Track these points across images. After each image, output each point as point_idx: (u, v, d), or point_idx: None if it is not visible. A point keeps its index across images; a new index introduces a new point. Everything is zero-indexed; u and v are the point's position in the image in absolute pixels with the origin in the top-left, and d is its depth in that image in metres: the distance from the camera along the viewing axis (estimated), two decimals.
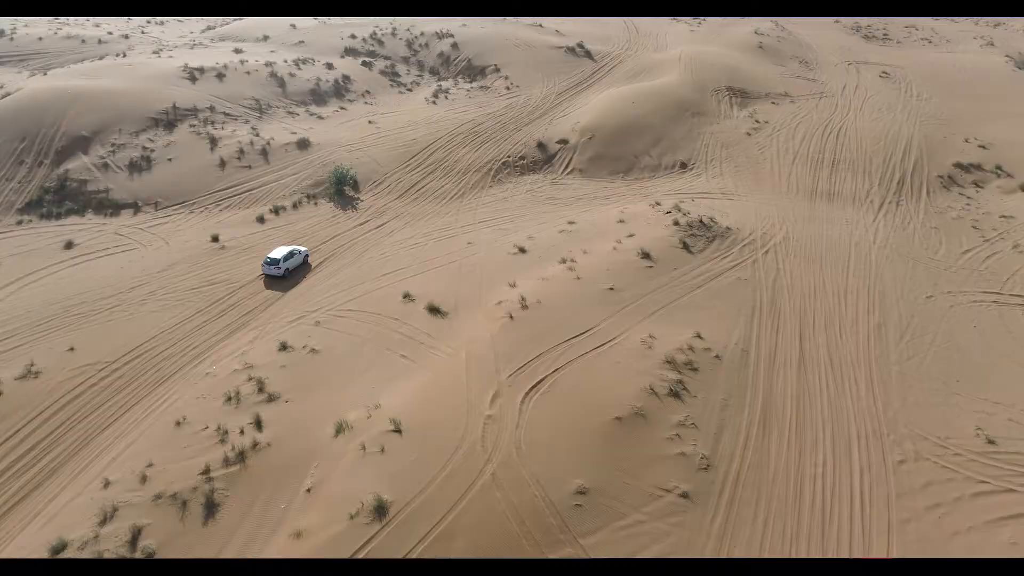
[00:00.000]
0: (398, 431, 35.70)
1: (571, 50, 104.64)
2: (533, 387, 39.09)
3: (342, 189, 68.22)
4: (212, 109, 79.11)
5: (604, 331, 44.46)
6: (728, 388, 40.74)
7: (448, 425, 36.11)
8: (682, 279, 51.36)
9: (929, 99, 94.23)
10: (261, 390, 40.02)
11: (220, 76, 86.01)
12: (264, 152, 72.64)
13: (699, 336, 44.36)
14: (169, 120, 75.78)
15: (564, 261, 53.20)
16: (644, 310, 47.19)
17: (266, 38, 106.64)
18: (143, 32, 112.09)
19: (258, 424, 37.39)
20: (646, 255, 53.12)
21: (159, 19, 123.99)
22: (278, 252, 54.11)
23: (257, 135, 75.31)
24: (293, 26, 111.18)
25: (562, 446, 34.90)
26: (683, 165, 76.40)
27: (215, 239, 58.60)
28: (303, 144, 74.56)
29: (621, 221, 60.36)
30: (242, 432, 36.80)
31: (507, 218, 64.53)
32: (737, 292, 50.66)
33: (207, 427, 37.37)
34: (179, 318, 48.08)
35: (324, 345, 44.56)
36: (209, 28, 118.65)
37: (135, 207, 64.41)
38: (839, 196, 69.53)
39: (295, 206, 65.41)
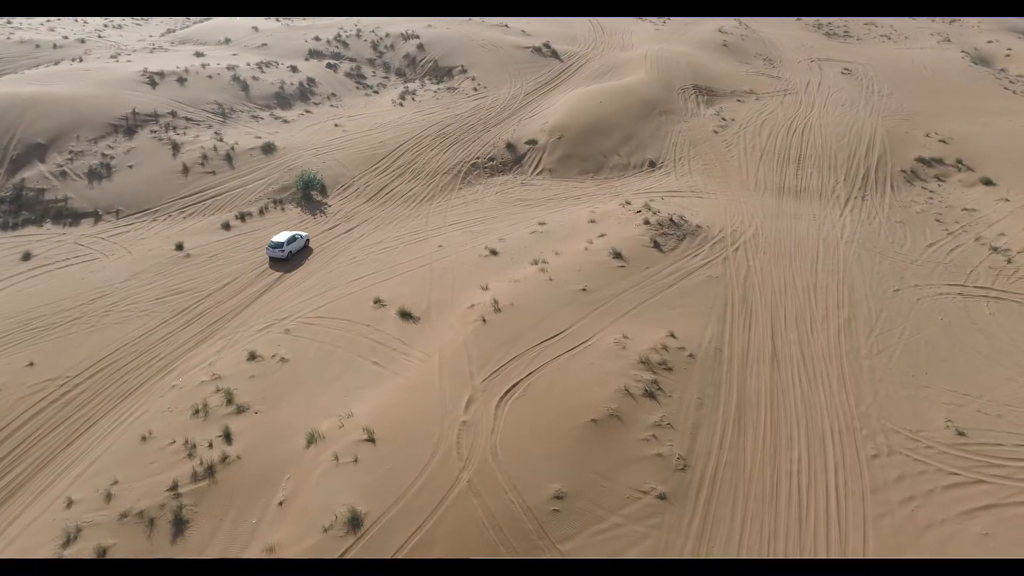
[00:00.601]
0: (371, 440, 35.04)
1: (537, 50, 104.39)
2: (508, 391, 38.65)
3: (309, 194, 67.18)
4: (174, 114, 77.44)
5: (578, 332, 44.18)
6: (703, 387, 40.69)
7: (422, 432, 35.54)
8: (654, 278, 51.27)
9: (890, 95, 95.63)
10: (230, 401, 39.07)
11: (181, 80, 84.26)
12: (228, 157, 71.25)
13: (672, 335, 44.28)
14: (129, 126, 73.99)
15: (536, 263, 52.86)
16: (617, 310, 47.01)
17: (228, 41, 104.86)
18: (100, 36, 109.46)
19: (227, 437, 36.48)
20: (618, 255, 52.96)
21: (117, 22, 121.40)
22: (281, 236, 56.63)
23: (221, 140, 73.87)
24: (255, 28, 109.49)
25: (538, 451, 34.52)
26: (652, 164, 76.53)
27: (179, 247, 57.29)
28: (268, 149, 73.28)
29: (592, 221, 60.18)
30: (210, 445, 35.87)
31: (478, 220, 64.00)
32: (709, 290, 50.72)
33: (174, 441, 36.37)
34: (143, 329, 46.83)
35: (294, 353, 43.69)
36: (169, 31, 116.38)
37: (95, 216, 62.70)
38: (806, 192, 70.13)
39: (262, 212, 64.23)
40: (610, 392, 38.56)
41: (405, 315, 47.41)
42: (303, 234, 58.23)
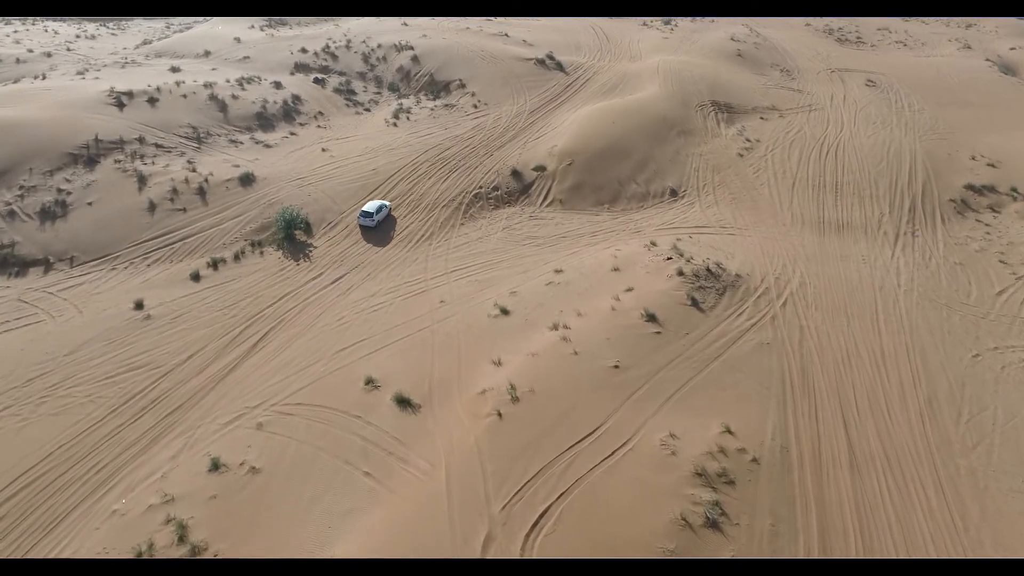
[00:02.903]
0: None
1: (541, 62, 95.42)
2: (535, 523, 30.00)
3: (292, 234, 58.27)
4: (141, 140, 68.21)
5: (614, 430, 35.56)
6: (774, 506, 32.12)
7: None
8: (696, 347, 42.61)
9: (921, 110, 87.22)
10: (182, 539, 30.35)
11: (152, 101, 74.96)
12: (201, 191, 62.15)
13: (729, 431, 35.72)
14: (90, 155, 64.79)
15: (556, 327, 44.15)
16: (658, 395, 38.38)
17: (207, 54, 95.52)
18: (69, 49, 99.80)
19: None
20: (651, 317, 44.27)
21: (91, 32, 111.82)
22: (371, 206, 60.63)
23: (193, 170, 64.74)
24: (237, 40, 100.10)
25: None
26: (673, 193, 67.86)
27: (139, 306, 48.35)
28: (247, 179, 64.22)
29: (615, 269, 51.47)
30: None
31: (483, 265, 55.22)
32: (761, 361, 42.13)
33: None
34: (85, 423, 37.93)
35: (266, 460, 34.90)
36: (145, 43, 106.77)
37: (46, 264, 53.70)
38: (849, 227, 61.62)
39: (237, 257, 55.26)
40: (664, 523, 29.98)
41: (402, 402, 38.67)
42: (387, 203, 62.31)
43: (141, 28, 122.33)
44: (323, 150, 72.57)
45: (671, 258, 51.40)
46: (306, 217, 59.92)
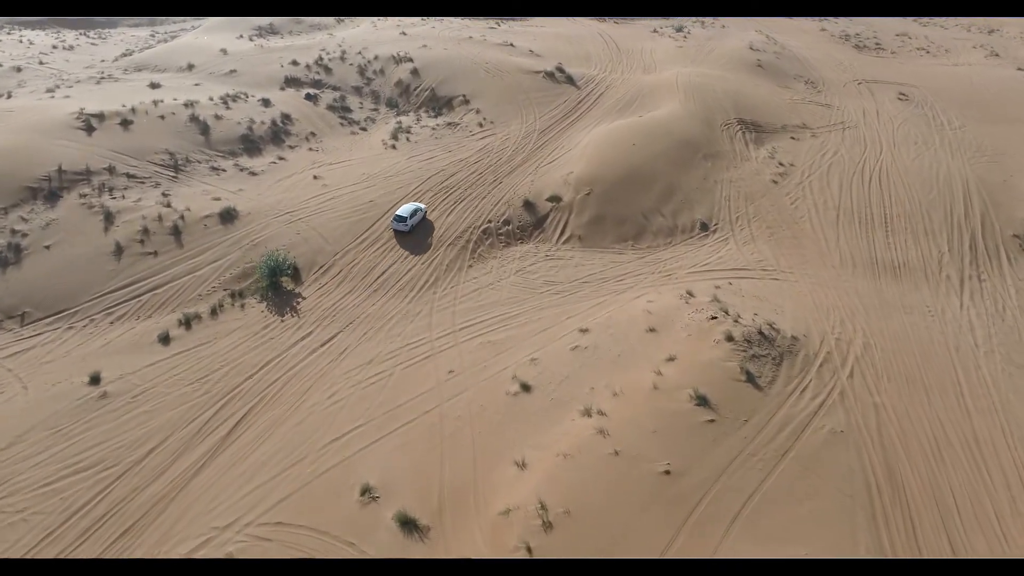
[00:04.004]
0: None
1: (550, 75, 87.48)
2: None
3: (277, 282, 50.46)
4: (111, 170, 60.24)
5: None
6: None
7: None
8: (759, 441, 34.92)
9: (962, 127, 79.62)
10: None
11: (125, 124, 66.93)
12: (176, 230, 54.29)
13: None
14: (52, 189, 56.86)
15: (588, 412, 36.42)
16: (722, 513, 30.72)
17: (190, 67, 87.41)
18: (41, 63, 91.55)
19: None
20: (702, 400, 36.55)
21: (69, 43, 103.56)
22: (405, 210, 57.19)
23: (168, 205, 56.84)
24: (223, 51, 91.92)
25: None
26: (704, 226, 60.13)
27: (95, 380, 40.58)
28: (228, 215, 56.35)
29: (651, 330, 43.69)
30: None
31: (496, 321, 47.46)
32: (838, 458, 34.47)
33: None
34: (12, 554, 30.00)
35: None
36: (125, 55, 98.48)
37: None
38: (906, 269, 53.99)
39: (214, 312, 47.44)
40: None
41: (407, 523, 30.97)
42: (422, 206, 58.80)
43: (124, 37, 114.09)
44: (315, 178, 64.69)
45: (715, 317, 43.58)
46: (294, 261, 52.13)
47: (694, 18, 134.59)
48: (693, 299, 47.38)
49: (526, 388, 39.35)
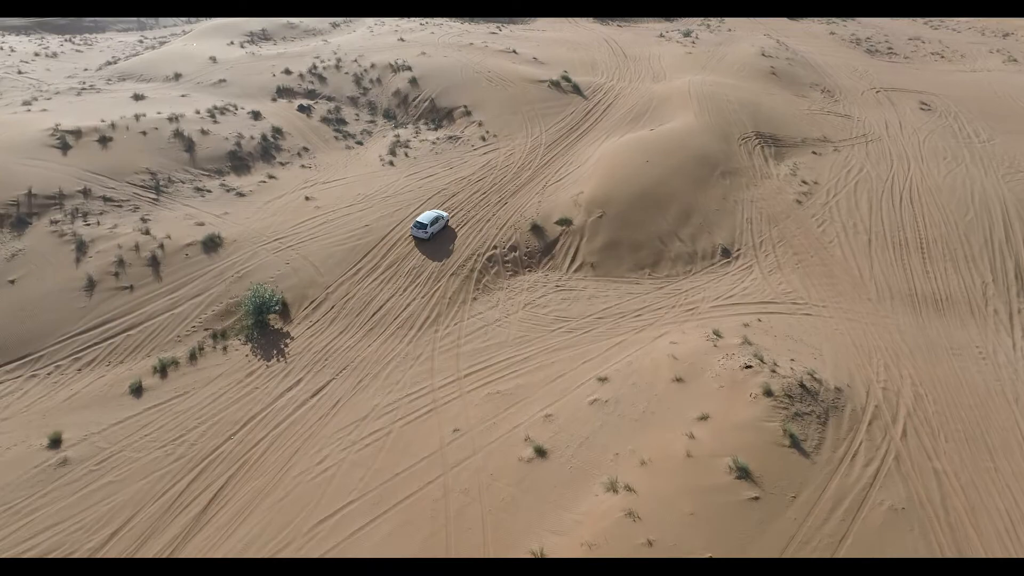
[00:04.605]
0: None
1: (555, 84, 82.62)
2: None
3: (264, 320, 45.56)
4: (86, 193, 55.32)
5: None
6: None
7: None
8: (811, 524, 30.17)
9: (990, 140, 74.99)
10: None
11: (104, 141, 61.97)
12: (154, 261, 49.39)
13: None
14: (20, 216, 51.93)
15: (614, 488, 31.68)
16: None
17: (177, 77, 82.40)
18: (20, 72, 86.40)
19: None
20: (743, 472, 31.80)
21: (52, 51, 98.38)
22: (426, 217, 54.60)
23: (147, 232, 51.95)
24: (213, 59, 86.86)
25: None
26: (725, 252, 55.36)
27: (55, 442, 35.75)
28: (212, 243, 51.48)
29: (679, 380, 38.91)
30: None
31: (505, 366, 42.67)
32: (903, 543, 29.84)
33: None
34: None
35: None
36: (110, 63, 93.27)
37: None
38: (949, 302, 49.28)
39: (193, 357, 42.57)
40: None
41: None
42: (444, 214, 56.04)
43: (111, 43, 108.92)
44: (307, 199, 59.83)
45: (750, 366, 38.76)
46: (282, 296, 47.26)
47: (701, 22, 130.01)
48: (721, 340, 42.60)
49: (541, 453, 34.54)
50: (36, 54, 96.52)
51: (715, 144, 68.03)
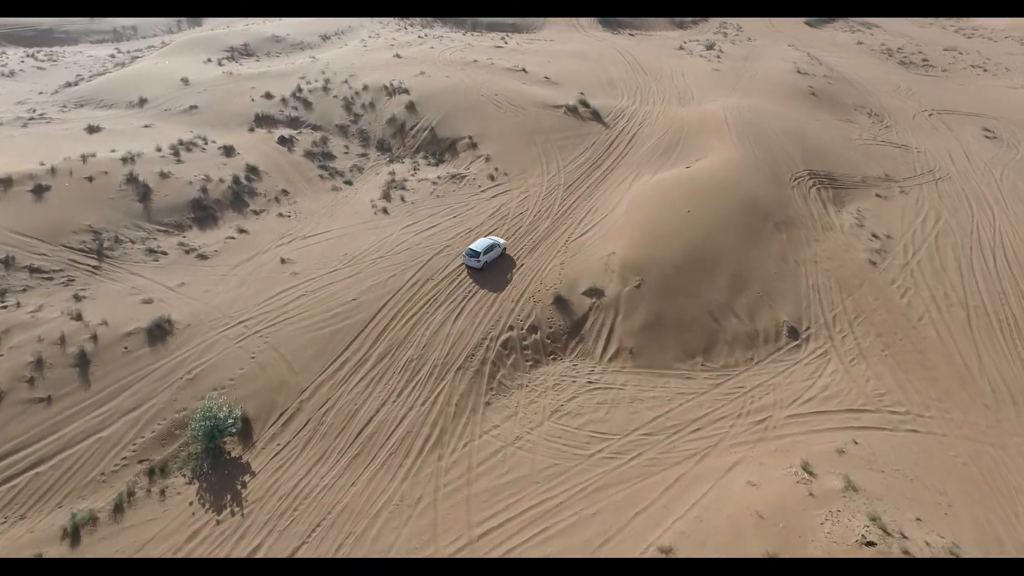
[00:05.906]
0: None
1: (572, 110, 71.21)
2: None
3: (217, 446, 34.21)
4: (8, 263, 43.98)
5: None
6: None
7: None
8: None
9: None
10: None
11: (39, 191, 50.58)
12: (83, 359, 38.10)
13: None
14: None
15: None
16: None
17: (142, 102, 70.89)
18: None
19: None
20: None
21: (9, 69, 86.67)
22: (479, 244, 48.04)
23: (78, 316, 40.64)
24: (185, 81, 75.19)
25: None
26: (792, 332, 44.18)
27: None
28: (159, 331, 40.23)
29: (772, 557, 27.53)
30: None
31: (531, 518, 31.60)
32: None
33: None
34: None
35: None
36: (69, 85, 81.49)
37: None
38: None
39: (119, 508, 31.47)
40: None
41: None
42: (501, 241, 49.33)
43: (79, 58, 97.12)
44: (282, 261, 48.62)
45: (872, 543, 27.51)
46: (241, 411, 35.88)
47: (717, 29, 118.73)
48: (816, 481, 31.50)
49: None
50: None
51: (765, 186, 56.77)
